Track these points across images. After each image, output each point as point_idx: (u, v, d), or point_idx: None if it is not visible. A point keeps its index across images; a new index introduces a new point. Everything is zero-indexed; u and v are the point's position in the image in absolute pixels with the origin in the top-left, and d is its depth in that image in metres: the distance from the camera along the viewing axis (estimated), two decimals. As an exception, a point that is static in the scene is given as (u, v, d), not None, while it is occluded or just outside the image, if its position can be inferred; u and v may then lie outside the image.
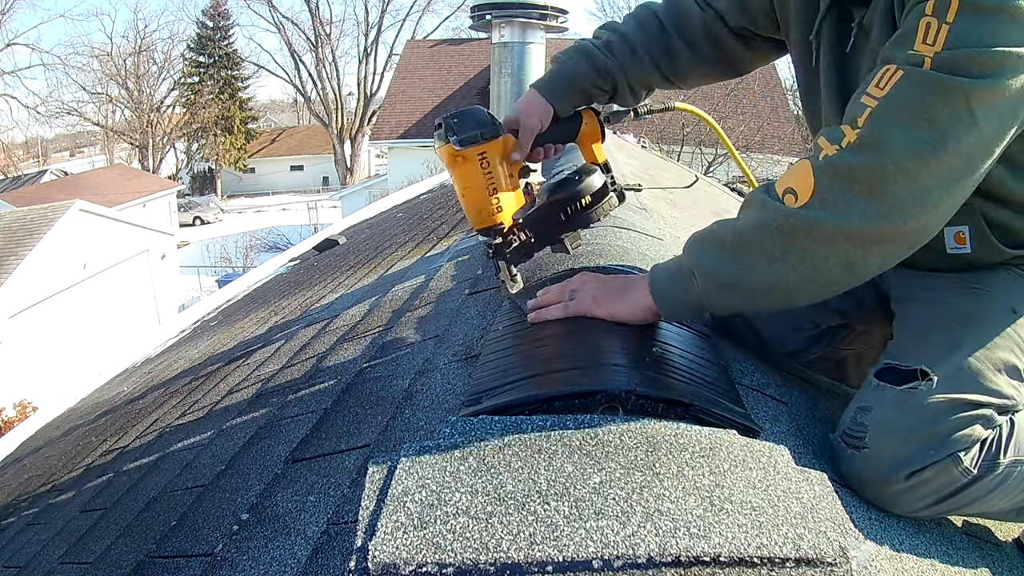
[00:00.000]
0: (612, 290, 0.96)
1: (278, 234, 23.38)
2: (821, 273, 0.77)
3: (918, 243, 0.75)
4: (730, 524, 0.55)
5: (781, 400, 1.00)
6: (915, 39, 0.72)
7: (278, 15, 33.84)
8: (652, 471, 0.61)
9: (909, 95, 0.71)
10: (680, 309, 0.91)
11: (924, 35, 0.71)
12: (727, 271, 0.82)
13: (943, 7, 0.71)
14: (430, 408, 0.96)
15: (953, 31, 0.70)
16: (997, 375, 0.82)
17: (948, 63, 0.69)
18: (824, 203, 0.74)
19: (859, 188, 0.72)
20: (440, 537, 0.54)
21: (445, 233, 2.94)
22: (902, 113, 0.71)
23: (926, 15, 0.72)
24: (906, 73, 0.71)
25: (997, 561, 0.91)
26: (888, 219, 0.72)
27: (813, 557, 0.54)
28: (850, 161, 0.73)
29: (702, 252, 0.86)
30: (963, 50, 0.69)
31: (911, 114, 0.71)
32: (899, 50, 0.73)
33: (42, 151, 38.63)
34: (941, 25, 0.70)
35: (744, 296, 0.83)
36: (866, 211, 0.72)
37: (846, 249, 0.75)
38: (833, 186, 0.74)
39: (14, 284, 10.00)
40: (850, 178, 0.73)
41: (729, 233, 0.83)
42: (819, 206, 0.74)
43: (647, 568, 0.52)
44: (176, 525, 1.05)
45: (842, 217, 0.73)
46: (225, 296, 5.38)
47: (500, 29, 1.81)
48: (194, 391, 2.11)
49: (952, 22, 0.70)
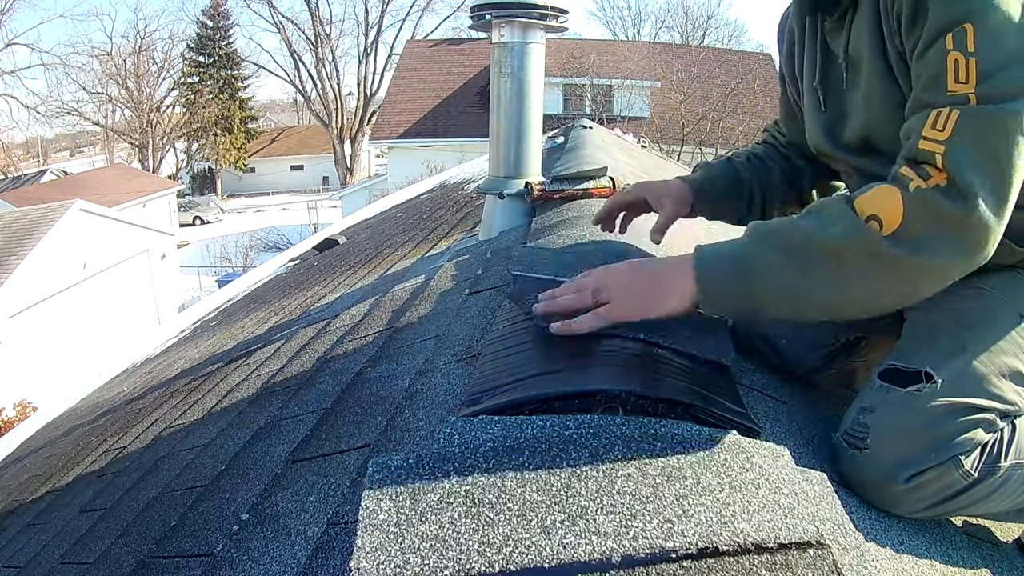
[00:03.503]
0: (643, 282, 0.88)
1: (278, 234, 23.38)
2: (878, 299, 0.79)
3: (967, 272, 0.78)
4: (731, 524, 0.55)
5: (781, 400, 1.00)
6: (947, 80, 0.75)
7: (278, 15, 33.88)
8: (652, 471, 0.61)
9: (972, 137, 0.74)
10: (726, 304, 0.84)
11: (955, 74, 0.75)
12: (795, 279, 0.79)
13: (962, 39, 0.75)
14: (430, 408, 0.96)
15: (981, 60, 0.73)
16: (1001, 380, 0.83)
17: (990, 95, 0.73)
18: (912, 236, 0.74)
19: (949, 228, 0.74)
20: (429, 545, 0.54)
21: (445, 233, 2.94)
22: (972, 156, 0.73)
23: (949, 51, 0.75)
24: (962, 112, 0.74)
25: (997, 561, 0.91)
26: (964, 256, 0.75)
27: (811, 542, 0.54)
28: (943, 204, 0.74)
29: (771, 250, 0.81)
30: (997, 77, 0.73)
31: (981, 156, 0.73)
32: (937, 94, 0.76)
33: (42, 151, 38.60)
34: (968, 59, 0.74)
35: (800, 307, 0.81)
36: (951, 248, 0.74)
37: (916, 282, 0.77)
38: (925, 222, 0.74)
39: (14, 284, 9.99)
40: (940, 217, 0.74)
41: (807, 239, 0.79)
42: (907, 239, 0.75)
43: (648, 564, 0.52)
44: (176, 525, 1.05)
45: (931, 254, 0.74)
46: (225, 296, 5.38)
47: (500, 29, 1.81)
48: (194, 391, 2.11)
49: (975, 51, 0.74)
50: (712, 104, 16.13)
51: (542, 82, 1.88)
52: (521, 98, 1.86)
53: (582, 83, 19.05)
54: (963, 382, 0.81)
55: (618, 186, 1.89)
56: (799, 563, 0.53)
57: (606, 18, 52.11)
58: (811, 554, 0.54)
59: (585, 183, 1.90)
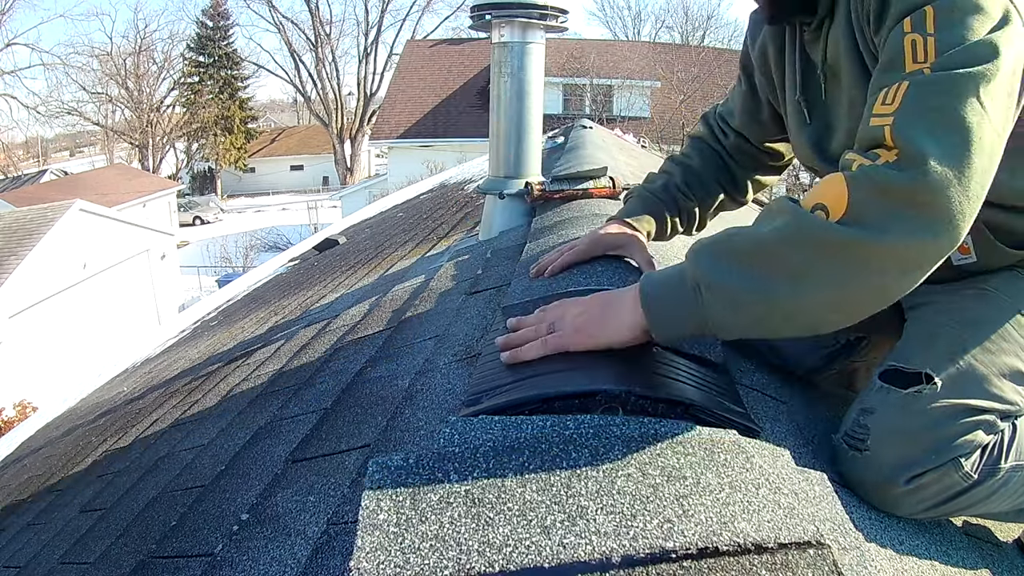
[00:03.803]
0: (595, 315, 0.82)
1: (278, 234, 23.38)
2: (849, 296, 0.69)
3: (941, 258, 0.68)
4: (731, 524, 0.55)
5: (781, 400, 1.00)
6: (904, 60, 0.71)
7: (278, 15, 33.91)
8: (652, 471, 0.61)
9: (922, 102, 0.68)
10: (677, 329, 0.77)
11: (913, 53, 0.71)
12: (743, 285, 0.71)
13: (920, 20, 0.71)
14: (430, 408, 0.96)
15: (939, 39, 0.70)
16: (1002, 380, 0.82)
17: (946, 64, 0.69)
18: (861, 218, 0.66)
19: (899, 203, 0.66)
20: (430, 546, 0.54)
21: (445, 233, 2.94)
22: (922, 121, 0.67)
23: (907, 33, 0.72)
24: (911, 83, 0.69)
25: (997, 561, 0.91)
26: (929, 233, 0.65)
27: (811, 542, 0.54)
28: (890, 177, 0.66)
29: (713, 262, 0.74)
30: (955, 51, 0.69)
31: (932, 120, 0.67)
32: (892, 75, 0.72)
33: (42, 151, 38.62)
34: (927, 38, 0.70)
35: (758, 317, 0.72)
36: (907, 227, 0.65)
37: (882, 271, 0.67)
38: (871, 201, 0.66)
39: (14, 284, 9.99)
40: (888, 192, 0.66)
41: (748, 242, 0.72)
42: (855, 222, 0.66)
43: (648, 564, 0.52)
44: (176, 525, 1.05)
45: (881, 234, 0.65)
46: (225, 296, 5.38)
47: (500, 29, 1.81)
48: (194, 391, 2.11)
49: (935, 32, 0.70)
50: (712, 104, 16.15)
51: (542, 82, 1.88)
52: (521, 98, 1.86)
53: (582, 83, 19.06)
54: (963, 383, 0.81)
55: (618, 186, 1.89)
56: (799, 563, 0.53)
57: (606, 18, 52.24)
58: (811, 554, 0.54)
59: (585, 183, 1.90)
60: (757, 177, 1.28)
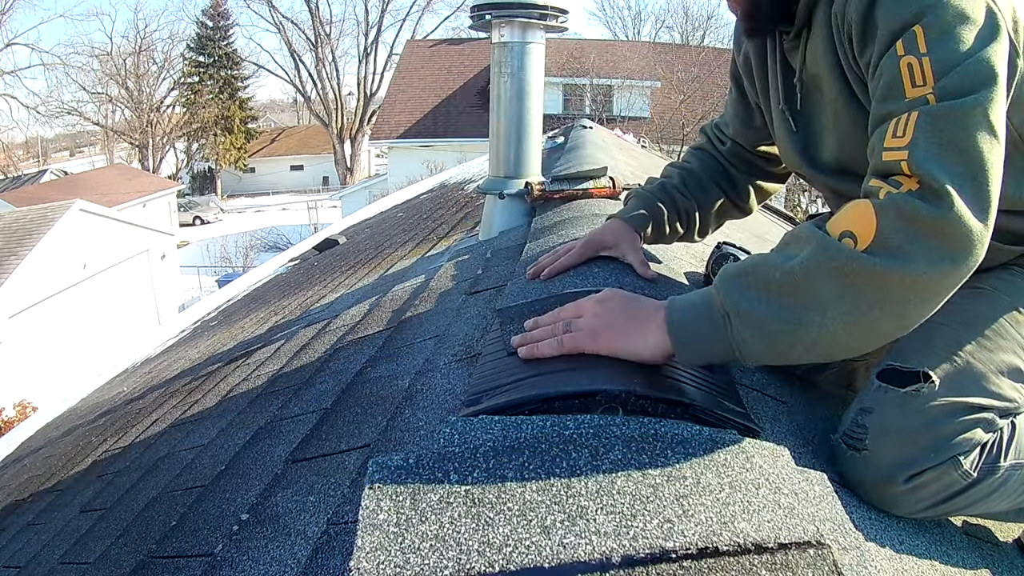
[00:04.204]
0: (616, 323, 0.82)
1: (278, 234, 23.39)
2: (871, 325, 0.70)
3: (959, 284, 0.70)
4: (731, 524, 0.55)
5: (781, 400, 1.00)
6: (904, 85, 0.72)
7: (278, 15, 33.93)
8: (652, 471, 0.61)
9: (935, 136, 0.69)
10: (703, 354, 0.78)
11: (911, 77, 0.72)
12: (773, 315, 0.72)
13: (912, 42, 0.72)
14: (430, 408, 0.96)
15: (934, 58, 0.71)
16: (1000, 378, 0.82)
17: (948, 90, 0.70)
18: (888, 247, 0.68)
19: (925, 232, 0.68)
20: (430, 546, 0.54)
21: (445, 233, 2.94)
22: (938, 157, 0.69)
23: (902, 56, 0.73)
24: (921, 113, 0.71)
25: (997, 561, 0.91)
26: (951, 262, 0.68)
27: (811, 542, 0.54)
28: (918, 208, 0.68)
29: (743, 291, 0.74)
30: (955, 72, 0.70)
31: (947, 158, 0.68)
32: (895, 103, 0.73)
33: (42, 151, 38.62)
34: (922, 59, 0.71)
35: (787, 345, 0.73)
36: (931, 256, 0.67)
37: (905, 299, 0.69)
38: (899, 228, 0.68)
39: (14, 284, 10.00)
40: (916, 222, 0.68)
41: (778, 271, 0.73)
42: (883, 251, 0.68)
43: (648, 564, 0.52)
44: (176, 525, 1.05)
45: (907, 263, 0.67)
46: (225, 296, 5.38)
47: (500, 29, 1.81)
48: (194, 391, 2.11)
49: (927, 51, 0.71)
50: (712, 104, 16.12)
51: (542, 82, 1.88)
52: (521, 98, 1.86)
53: (582, 83, 19.06)
54: (961, 381, 0.81)
55: (618, 186, 1.89)
56: (799, 563, 0.53)
57: (606, 18, 52.24)
58: (811, 554, 0.54)
59: (585, 183, 1.90)
60: (759, 183, 1.29)
